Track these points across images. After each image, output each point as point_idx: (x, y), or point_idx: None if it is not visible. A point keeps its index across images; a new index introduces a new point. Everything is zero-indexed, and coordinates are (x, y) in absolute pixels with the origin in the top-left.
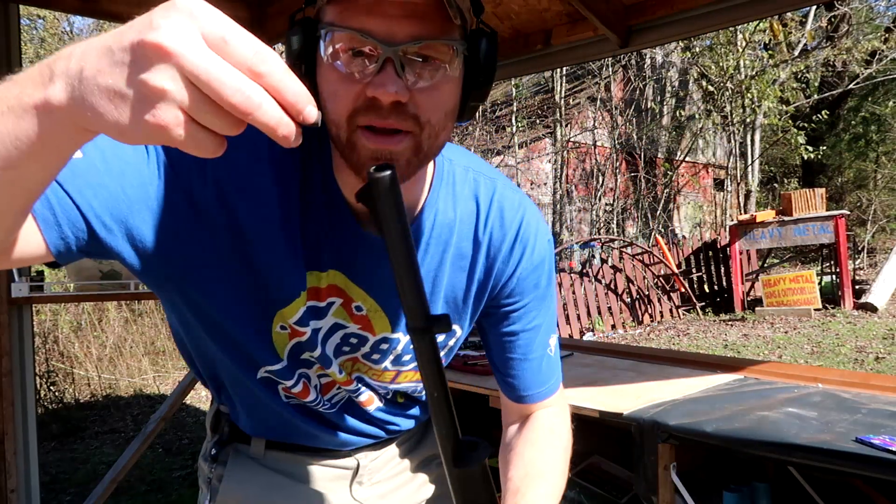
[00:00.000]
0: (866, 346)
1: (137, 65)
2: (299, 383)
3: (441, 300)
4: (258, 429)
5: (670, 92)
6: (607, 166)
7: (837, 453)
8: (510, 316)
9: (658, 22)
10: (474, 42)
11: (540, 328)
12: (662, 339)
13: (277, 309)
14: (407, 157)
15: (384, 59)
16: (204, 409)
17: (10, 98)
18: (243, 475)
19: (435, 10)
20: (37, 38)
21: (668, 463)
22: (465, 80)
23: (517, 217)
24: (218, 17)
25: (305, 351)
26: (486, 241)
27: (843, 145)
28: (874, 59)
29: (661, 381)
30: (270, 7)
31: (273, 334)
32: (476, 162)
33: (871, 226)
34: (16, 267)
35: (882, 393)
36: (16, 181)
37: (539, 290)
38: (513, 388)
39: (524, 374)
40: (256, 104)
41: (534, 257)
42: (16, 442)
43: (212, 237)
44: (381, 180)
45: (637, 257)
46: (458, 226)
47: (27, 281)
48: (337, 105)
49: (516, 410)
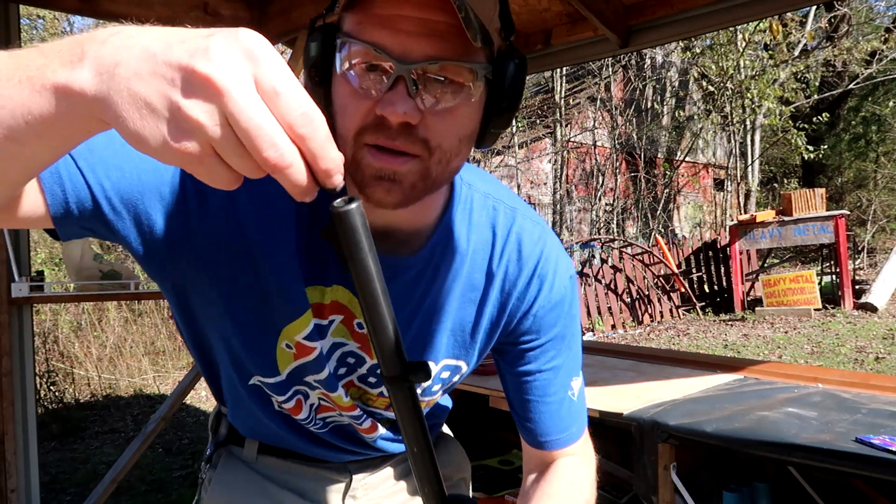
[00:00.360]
0: (866, 346)
1: (179, 87)
2: (292, 400)
3: (447, 333)
4: (250, 430)
5: (670, 92)
6: (607, 166)
7: (837, 453)
8: (526, 355)
9: (658, 22)
10: (500, 66)
11: (559, 369)
12: (662, 339)
13: (284, 324)
14: (412, 181)
15: (396, 77)
16: (204, 409)
17: (32, 68)
18: (232, 480)
19: (456, 30)
20: (37, 38)
21: (668, 463)
22: (488, 104)
23: (536, 251)
24: (275, 65)
25: (309, 374)
26: (500, 274)
27: (843, 145)
28: (874, 59)
29: (661, 381)
30: (270, 7)
31: (278, 350)
32: (497, 188)
33: (871, 226)
34: (17, 227)
35: (882, 393)
36: (17, 156)
37: (558, 330)
38: (530, 432)
39: (542, 417)
40: (287, 164)
41: (552, 295)
42: (16, 442)
43: (220, 239)
44: (347, 214)
45: (637, 257)
46: (472, 255)
47: (27, 281)
48: (345, 120)
49: (535, 457)
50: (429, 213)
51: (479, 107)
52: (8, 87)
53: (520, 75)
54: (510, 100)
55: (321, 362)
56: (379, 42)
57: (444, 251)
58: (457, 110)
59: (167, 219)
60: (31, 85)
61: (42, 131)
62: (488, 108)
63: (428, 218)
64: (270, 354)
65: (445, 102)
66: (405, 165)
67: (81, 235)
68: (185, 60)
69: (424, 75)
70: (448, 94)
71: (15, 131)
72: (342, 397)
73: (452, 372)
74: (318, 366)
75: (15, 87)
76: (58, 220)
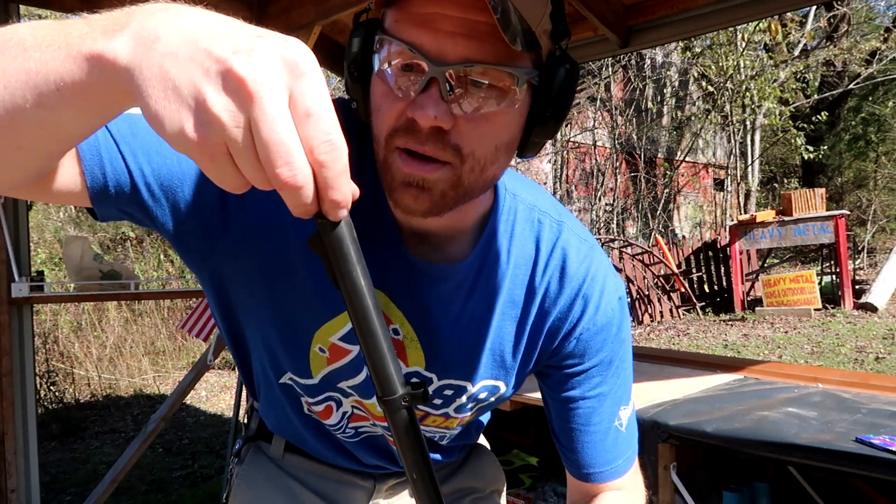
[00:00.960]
0: (866, 346)
1: (211, 78)
2: (322, 405)
3: (486, 351)
4: (278, 427)
5: (670, 92)
6: (607, 166)
7: (837, 453)
8: (570, 380)
9: (658, 22)
10: (548, 71)
11: (605, 397)
12: (662, 339)
13: (319, 324)
14: (442, 189)
15: (429, 79)
16: (204, 408)
17: (74, 36)
18: (257, 476)
19: (498, 32)
20: None
21: (668, 463)
22: (532, 111)
23: (581, 269)
24: (315, 85)
25: (342, 379)
26: (541, 290)
27: (843, 145)
28: (874, 58)
29: (661, 381)
30: (270, 7)
31: (311, 353)
32: (544, 199)
33: (871, 226)
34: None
35: (882, 393)
36: (48, 124)
37: (605, 355)
38: (574, 462)
39: (586, 447)
40: (297, 185)
41: (598, 318)
42: (16, 442)
43: (258, 232)
44: (332, 225)
45: (637, 257)
46: (513, 270)
47: (27, 281)
48: (378, 121)
49: (578, 489)
50: (467, 218)
51: (521, 114)
52: (46, 52)
53: (569, 82)
54: (557, 108)
55: (357, 366)
56: (414, 41)
57: (484, 264)
58: (494, 117)
59: (206, 207)
60: (68, 51)
61: (72, 100)
62: (532, 116)
63: (466, 223)
64: (304, 356)
65: (482, 108)
66: (435, 173)
67: (120, 218)
68: (226, 55)
69: (460, 78)
70: (485, 99)
71: (46, 98)
72: (376, 405)
73: (490, 392)
74: (354, 370)
75: (53, 52)
76: (96, 201)
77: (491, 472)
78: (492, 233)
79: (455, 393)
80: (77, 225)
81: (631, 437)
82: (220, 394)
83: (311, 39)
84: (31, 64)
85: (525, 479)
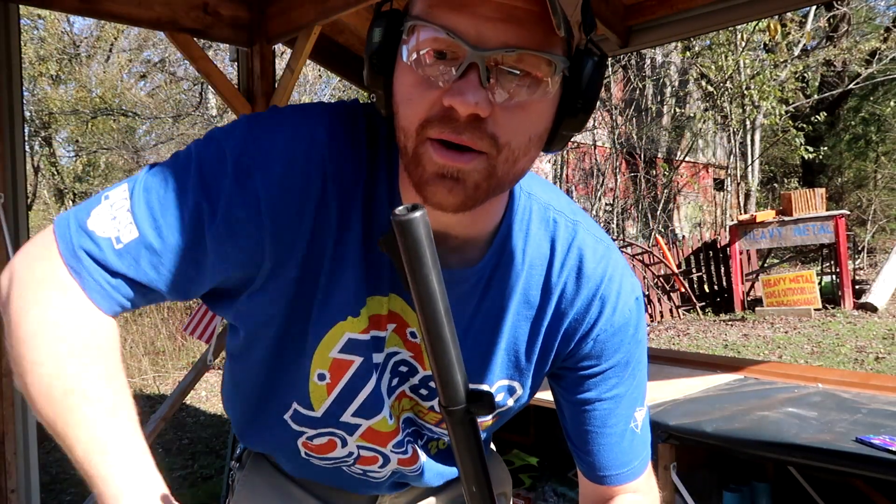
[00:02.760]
0: (866, 346)
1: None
2: (325, 437)
3: (501, 352)
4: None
5: (670, 92)
6: (607, 166)
7: (837, 453)
8: (585, 382)
9: (658, 22)
10: (579, 62)
11: (622, 399)
12: (662, 339)
13: (316, 342)
14: (476, 181)
15: (469, 65)
16: (204, 409)
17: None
18: (258, 482)
19: (537, 18)
20: (37, 38)
21: (668, 463)
22: (562, 103)
23: (598, 270)
24: None
25: (349, 401)
26: (557, 291)
27: (843, 145)
28: (874, 58)
29: (661, 381)
30: (270, 7)
31: (311, 385)
32: (559, 199)
33: (871, 226)
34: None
35: (882, 393)
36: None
37: (621, 356)
38: (588, 465)
39: (601, 450)
40: None
41: (615, 318)
42: (16, 442)
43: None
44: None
45: (637, 257)
46: (528, 270)
47: None
48: (409, 111)
49: (592, 492)
50: (488, 221)
51: (553, 105)
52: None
53: (598, 75)
54: (586, 100)
55: (364, 376)
56: (452, 26)
57: (498, 264)
58: (530, 106)
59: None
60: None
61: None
62: (562, 108)
63: (486, 226)
64: (304, 385)
65: (520, 96)
66: (470, 163)
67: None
68: None
69: (498, 65)
70: (521, 87)
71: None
72: (387, 420)
73: (507, 394)
74: (362, 380)
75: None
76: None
77: (498, 474)
78: (507, 232)
79: None
80: None
81: (646, 439)
82: (221, 394)
83: (310, 39)
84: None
85: (525, 479)
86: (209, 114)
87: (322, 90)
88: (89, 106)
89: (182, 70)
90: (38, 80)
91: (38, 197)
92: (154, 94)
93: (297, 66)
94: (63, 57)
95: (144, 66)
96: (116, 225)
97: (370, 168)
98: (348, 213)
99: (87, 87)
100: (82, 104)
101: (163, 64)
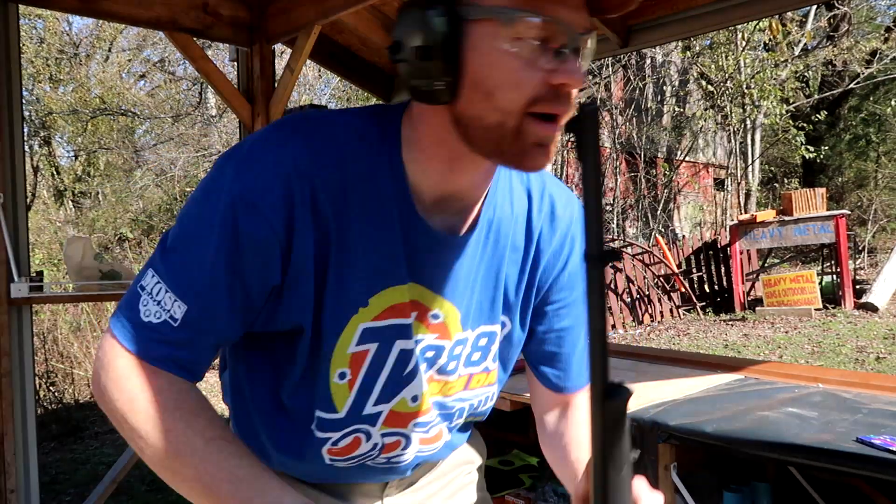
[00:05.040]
0: (867, 346)
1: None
2: (350, 437)
3: (498, 294)
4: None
5: (670, 92)
6: (607, 166)
7: (838, 453)
8: (560, 312)
9: (658, 22)
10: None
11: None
12: (662, 339)
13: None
14: (555, 143)
15: (574, 48)
16: None
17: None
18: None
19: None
20: (36, 38)
21: (668, 463)
22: None
23: (567, 212)
24: None
25: (369, 394)
26: (536, 234)
27: (844, 145)
28: (874, 58)
29: (661, 381)
30: (270, 7)
31: (332, 386)
32: None
33: (871, 225)
34: None
35: (882, 393)
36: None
37: None
38: (558, 378)
39: (572, 367)
40: None
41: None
42: (15, 442)
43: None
44: (593, 112)
45: (637, 257)
46: (515, 221)
47: (27, 281)
48: (513, 94)
49: (556, 400)
50: (489, 182)
51: None
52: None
53: None
54: None
55: (382, 357)
56: (556, 15)
57: (492, 218)
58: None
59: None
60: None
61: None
62: None
63: (486, 187)
64: (325, 389)
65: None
66: (557, 131)
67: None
68: None
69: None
70: (584, 62)
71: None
72: (406, 401)
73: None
74: (379, 366)
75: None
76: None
77: (478, 444)
78: (495, 190)
79: (489, 341)
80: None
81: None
82: (221, 393)
83: (310, 39)
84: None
85: (525, 479)
86: (209, 114)
87: (322, 90)
88: (89, 106)
89: (181, 70)
90: (38, 80)
91: (37, 197)
92: (153, 93)
93: (296, 65)
94: (62, 56)
95: (144, 66)
96: (164, 307)
97: (370, 168)
98: (348, 215)
99: (86, 87)
100: (81, 104)
101: (162, 63)
